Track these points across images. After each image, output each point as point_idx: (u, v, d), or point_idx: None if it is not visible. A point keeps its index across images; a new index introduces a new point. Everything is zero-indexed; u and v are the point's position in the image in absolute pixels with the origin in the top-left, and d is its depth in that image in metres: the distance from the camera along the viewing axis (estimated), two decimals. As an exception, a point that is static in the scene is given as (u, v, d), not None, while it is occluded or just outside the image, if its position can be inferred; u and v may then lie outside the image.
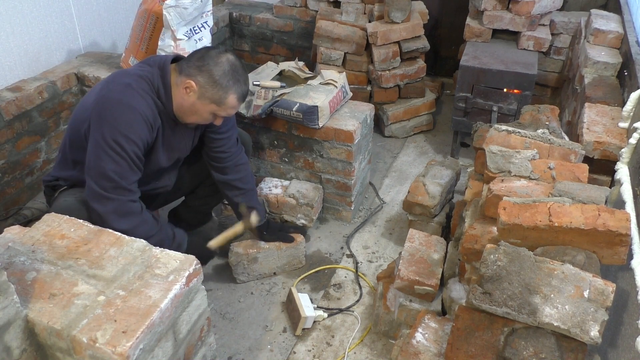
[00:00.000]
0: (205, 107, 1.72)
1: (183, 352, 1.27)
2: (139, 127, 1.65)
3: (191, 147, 1.99)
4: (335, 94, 2.36)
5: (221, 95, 1.70)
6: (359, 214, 2.65)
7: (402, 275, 1.83)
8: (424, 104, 3.27)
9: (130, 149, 1.63)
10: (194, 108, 1.73)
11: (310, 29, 3.51)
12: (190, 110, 1.74)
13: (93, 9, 2.84)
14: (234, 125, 2.08)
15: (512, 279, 1.22)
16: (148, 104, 1.68)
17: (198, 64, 1.69)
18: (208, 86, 1.68)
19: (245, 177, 2.12)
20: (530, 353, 1.17)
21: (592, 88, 2.23)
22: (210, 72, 1.67)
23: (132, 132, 1.63)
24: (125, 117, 1.62)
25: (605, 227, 1.24)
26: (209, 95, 1.70)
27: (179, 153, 1.93)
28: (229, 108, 1.74)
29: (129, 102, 1.63)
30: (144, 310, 1.11)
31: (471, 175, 2.03)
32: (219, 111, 1.74)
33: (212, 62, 1.68)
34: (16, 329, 1.07)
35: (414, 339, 1.52)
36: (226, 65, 1.69)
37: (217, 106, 1.72)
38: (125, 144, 1.62)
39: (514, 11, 2.83)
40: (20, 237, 1.30)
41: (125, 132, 1.62)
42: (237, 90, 1.72)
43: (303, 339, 1.98)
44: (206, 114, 1.75)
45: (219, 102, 1.71)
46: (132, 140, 1.63)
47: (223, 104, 1.72)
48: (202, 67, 1.68)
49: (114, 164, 1.61)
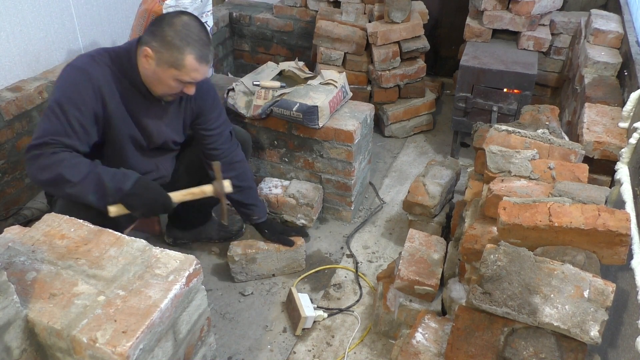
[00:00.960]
0: (165, 72, 1.66)
1: (183, 352, 1.27)
2: (84, 90, 1.63)
3: (181, 132, 1.96)
4: (335, 94, 2.36)
5: (177, 57, 1.62)
6: (359, 214, 2.65)
7: (402, 275, 1.83)
8: (424, 104, 3.27)
9: (71, 112, 1.61)
10: (156, 76, 1.68)
11: (310, 29, 3.51)
12: (155, 79, 1.70)
13: (93, 9, 2.84)
14: (225, 122, 2.06)
15: (512, 279, 1.22)
16: (102, 72, 1.67)
17: (152, 29, 1.65)
18: (163, 49, 1.63)
19: (241, 174, 2.09)
20: (530, 353, 1.17)
21: (592, 88, 2.23)
22: (162, 35, 1.62)
23: (76, 95, 1.62)
24: (72, 80, 1.64)
25: (605, 227, 1.24)
26: (166, 59, 1.63)
27: (162, 136, 1.89)
28: (190, 71, 1.66)
29: (80, 67, 1.65)
30: (144, 310, 1.11)
31: (471, 175, 2.03)
32: (181, 76, 1.66)
33: (165, 25, 1.63)
34: (16, 329, 1.07)
35: (414, 339, 1.52)
36: (179, 26, 1.62)
37: (176, 70, 1.65)
38: (66, 106, 1.61)
39: (514, 11, 2.83)
40: (20, 237, 1.30)
41: (69, 94, 1.62)
42: (193, 50, 1.63)
43: (303, 339, 1.98)
44: (169, 80, 1.68)
45: (177, 65, 1.64)
46: (74, 104, 1.61)
47: (182, 66, 1.64)
48: (156, 31, 1.64)
49: (49, 124, 1.61)
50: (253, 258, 2.18)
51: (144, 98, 1.78)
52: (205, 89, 1.96)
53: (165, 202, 1.75)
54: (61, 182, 1.60)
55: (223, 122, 2.04)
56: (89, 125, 1.67)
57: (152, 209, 1.74)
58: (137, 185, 1.68)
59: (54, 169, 1.58)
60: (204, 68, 1.69)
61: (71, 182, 1.60)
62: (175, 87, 1.71)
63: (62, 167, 1.58)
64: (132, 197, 1.68)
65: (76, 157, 1.63)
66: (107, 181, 1.63)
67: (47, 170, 1.59)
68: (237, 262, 2.17)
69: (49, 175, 1.59)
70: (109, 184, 1.64)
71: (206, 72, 1.73)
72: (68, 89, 1.63)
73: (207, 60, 1.69)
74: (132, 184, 1.67)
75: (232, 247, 2.18)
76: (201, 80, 1.90)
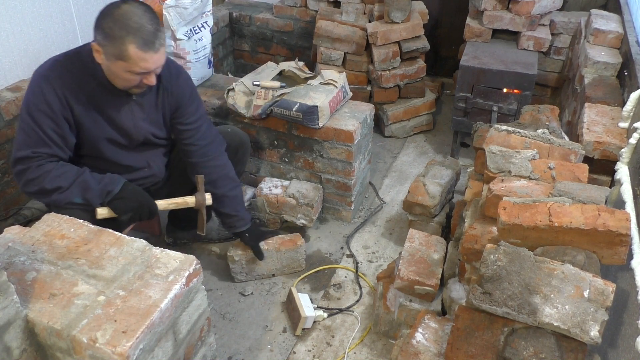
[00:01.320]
0: (115, 66, 1.60)
1: (183, 352, 1.27)
2: (51, 98, 1.63)
3: (162, 126, 1.92)
4: (335, 94, 2.36)
5: (120, 48, 1.56)
6: (359, 214, 2.65)
7: (402, 275, 1.83)
8: (424, 104, 3.27)
9: (44, 122, 1.63)
10: (110, 71, 1.64)
11: (310, 29, 3.51)
12: (111, 74, 1.65)
13: (93, 9, 2.84)
14: (203, 116, 2.00)
15: (512, 279, 1.22)
16: (64, 77, 1.65)
17: (96, 22, 1.59)
18: (106, 42, 1.57)
19: (218, 180, 2.00)
20: (530, 353, 1.17)
21: (592, 88, 2.23)
22: (103, 28, 1.56)
23: (44, 104, 1.63)
24: (38, 89, 1.63)
25: (605, 227, 1.24)
26: (111, 52, 1.57)
27: (141, 131, 1.86)
28: (138, 61, 1.58)
29: (43, 74, 1.65)
30: (144, 310, 1.11)
31: (471, 175, 2.03)
32: (130, 67, 1.59)
33: (105, 17, 1.57)
34: (16, 329, 1.07)
35: (414, 339, 1.52)
36: (117, 16, 1.55)
37: (124, 62, 1.58)
38: (37, 117, 1.62)
39: (514, 11, 2.83)
40: (20, 237, 1.30)
41: (38, 104, 1.62)
42: (134, 39, 1.54)
43: (303, 339, 1.98)
44: (123, 73, 1.62)
45: (122, 57, 1.57)
46: (44, 113, 1.62)
47: (127, 57, 1.57)
48: (98, 24, 1.58)
49: (26, 136, 1.63)
50: (253, 258, 2.18)
51: (115, 95, 1.74)
52: (183, 81, 1.93)
53: (151, 208, 1.79)
54: (49, 192, 1.64)
55: (200, 116, 1.98)
56: (65, 131, 1.69)
57: (139, 214, 1.77)
58: (124, 189, 1.73)
59: (40, 181, 1.64)
60: (151, 56, 1.60)
61: (59, 190, 1.64)
62: (132, 79, 1.65)
63: (49, 178, 1.63)
64: (120, 201, 1.72)
65: (62, 167, 1.67)
66: (94, 186, 1.68)
67: (35, 183, 1.64)
68: (237, 262, 2.17)
69: (36, 188, 1.64)
70: (96, 188, 1.69)
71: (158, 60, 1.64)
72: (36, 100, 1.64)
73: (153, 47, 1.59)
74: (119, 188, 1.72)
75: (232, 248, 2.18)
76: (178, 73, 1.92)
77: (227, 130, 2.23)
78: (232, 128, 2.27)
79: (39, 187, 1.64)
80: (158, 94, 1.87)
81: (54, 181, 1.63)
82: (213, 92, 2.63)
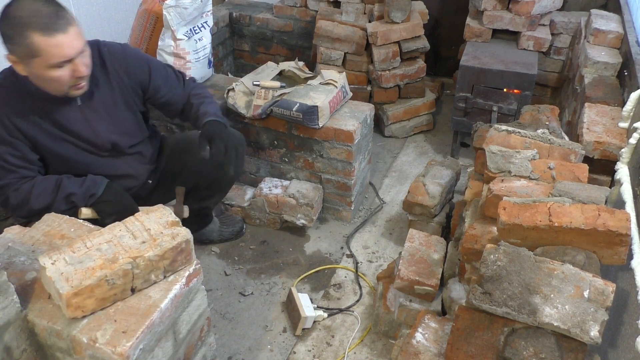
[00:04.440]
0: (35, 67, 1.48)
1: (183, 352, 1.27)
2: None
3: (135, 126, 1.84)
4: (335, 94, 2.36)
5: (25, 44, 1.43)
6: (359, 214, 2.65)
7: (402, 275, 1.83)
8: (424, 104, 3.27)
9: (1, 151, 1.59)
10: (35, 76, 1.52)
11: (310, 29, 3.51)
12: (38, 80, 1.53)
13: (93, 9, 2.84)
14: (169, 76, 1.92)
15: (512, 279, 1.22)
16: (3, 102, 1.58)
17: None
18: (13, 46, 1.46)
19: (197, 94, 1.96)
20: (530, 353, 1.17)
21: (592, 88, 2.23)
22: (3, 33, 1.45)
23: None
24: None
25: (605, 227, 1.24)
26: (22, 54, 1.45)
27: (102, 138, 1.75)
28: (50, 48, 1.44)
29: None
30: (144, 310, 1.11)
31: (471, 175, 2.03)
32: (47, 60, 1.46)
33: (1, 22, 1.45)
34: (16, 329, 1.07)
35: (414, 339, 1.52)
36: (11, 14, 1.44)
37: (38, 57, 1.45)
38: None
39: (514, 11, 2.83)
40: (20, 237, 1.30)
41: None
42: (33, 27, 1.42)
43: (303, 339, 1.98)
44: (45, 72, 1.49)
45: (33, 52, 1.44)
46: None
47: (37, 50, 1.44)
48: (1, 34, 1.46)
49: None
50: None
51: (59, 105, 1.64)
52: (132, 56, 1.81)
53: (133, 210, 1.70)
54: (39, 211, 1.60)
55: (168, 76, 1.90)
56: (24, 152, 1.63)
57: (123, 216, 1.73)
58: (107, 191, 1.71)
59: (26, 204, 1.63)
60: (60, 38, 1.45)
61: (47, 207, 1.63)
62: (60, 77, 1.51)
63: (33, 199, 1.63)
64: (103, 204, 1.70)
65: (40, 183, 1.65)
66: (77, 189, 1.66)
67: (21, 207, 1.65)
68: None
69: (25, 211, 1.65)
70: (79, 191, 1.67)
71: (72, 42, 1.48)
72: None
73: (57, 28, 1.44)
74: (102, 191, 1.70)
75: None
76: (123, 51, 1.79)
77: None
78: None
79: (26, 210, 1.63)
80: (110, 87, 1.74)
81: (37, 200, 1.63)
82: (213, 92, 2.62)
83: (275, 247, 2.42)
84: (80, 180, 1.70)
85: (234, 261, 2.34)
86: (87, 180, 1.70)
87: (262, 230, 2.52)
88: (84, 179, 1.71)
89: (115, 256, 1.11)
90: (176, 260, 1.19)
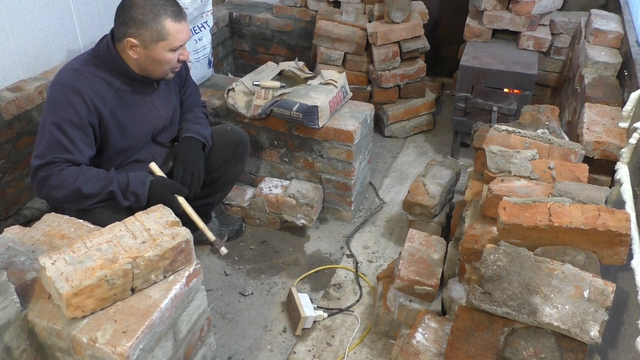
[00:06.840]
0: (157, 50, 1.69)
1: (183, 352, 1.27)
2: (79, 107, 1.65)
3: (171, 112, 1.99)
4: (335, 94, 2.36)
5: (157, 28, 1.66)
6: (359, 214, 2.65)
7: (402, 275, 1.83)
8: (424, 104, 3.27)
9: (72, 132, 1.64)
10: (150, 59, 1.71)
11: (310, 29, 3.51)
12: (151, 63, 1.73)
13: (93, 9, 2.84)
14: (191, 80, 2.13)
15: (512, 279, 1.22)
16: (90, 84, 1.68)
17: (120, 20, 1.67)
18: (142, 31, 1.65)
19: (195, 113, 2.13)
20: (530, 353, 1.17)
21: (592, 88, 2.23)
22: (133, 19, 1.64)
23: (72, 114, 1.64)
24: (64, 99, 1.64)
25: (605, 227, 1.24)
26: (150, 38, 1.66)
27: (161, 121, 1.93)
28: (177, 34, 1.69)
29: (67, 84, 1.66)
30: (144, 310, 1.11)
31: (471, 175, 2.03)
32: (171, 43, 1.69)
33: (129, 10, 1.65)
34: (16, 329, 1.07)
35: (414, 339, 1.52)
36: (141, 2, 1.65)
37: (164, 41, 1.68)
38: (65, 127, 1.63)
39: (514, 11, 2.83)
40: (20, 237, 1.30)
41: (65, 114, 1.63)
42: (166, 13, 1.66)
43: (303, 339, 1.98)
44: (164, 54, 1.71)
45: (162, 36, 1.67)
46: (72, 123, 1.64)
47: (166, 34, 1.67)
48: (125, 19, 1.66)
49: (50, 143, 1.63)
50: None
51: (138, 91, 1.81)
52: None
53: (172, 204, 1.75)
54: (80, 196, 1.65)
55: (191, 79, 2.13)
56: (91, 139, 1.71)
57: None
58: (151, 190, 1.77)
59: (68, 185, 1.64)
60: (184, 25, 1.72)
61: (91, 195, 1.66)
62: (173, 59, 1.74)
63: (78, 182, 1.64)
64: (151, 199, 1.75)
65: (88, 170, 1.69)
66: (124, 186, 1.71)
67: (61, 187, 1.64)
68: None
69: (64, 193, 1.64)
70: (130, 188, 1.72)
71: (188, 29, 1.75)
72: (62, 109, 1.64)
73: (182, 16, 1.71)
74: (149, 186, 1.76)
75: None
76: None
77: (227, 128, 2.23)
78: (232, 126, 2.27)
79: (67, 191, 1.63)
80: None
81: (83, 185, 1.64)
82: (213, 92, 2.63)
83: (275, 247, 2.42)
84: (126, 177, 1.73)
85: (234, 261, 2.34)
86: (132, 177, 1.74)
87: (262, 230, 2.52)
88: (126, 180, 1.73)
89: (115, 256, 1.11)
90: (176, 260, 1.19)
